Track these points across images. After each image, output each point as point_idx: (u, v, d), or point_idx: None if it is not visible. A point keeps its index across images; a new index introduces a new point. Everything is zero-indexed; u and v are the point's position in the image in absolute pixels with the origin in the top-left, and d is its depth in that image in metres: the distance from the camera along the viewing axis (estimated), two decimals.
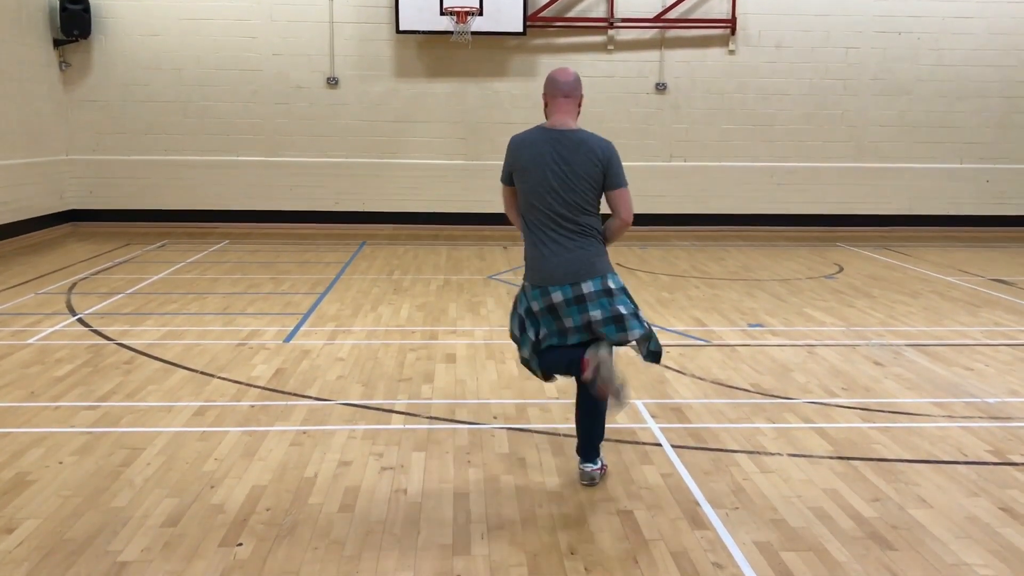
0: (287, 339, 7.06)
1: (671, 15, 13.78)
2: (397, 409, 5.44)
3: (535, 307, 4.19)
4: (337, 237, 12.97)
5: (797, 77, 14.09)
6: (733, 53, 14.01)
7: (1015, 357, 6.77)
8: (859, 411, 5.49)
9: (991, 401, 5.69)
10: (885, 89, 14.20)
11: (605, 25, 13.79)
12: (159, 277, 9.65)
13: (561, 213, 4.12)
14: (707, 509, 4.08)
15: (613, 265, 4.27)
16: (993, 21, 14.10)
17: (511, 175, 4.27)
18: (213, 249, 11.67)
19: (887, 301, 8.79)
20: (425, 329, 7.47)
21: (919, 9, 14.02)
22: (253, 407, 5.44)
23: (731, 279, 9.98)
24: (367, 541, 3.75)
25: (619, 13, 13.76)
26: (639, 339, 4.21)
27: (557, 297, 4.12)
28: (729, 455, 4.74)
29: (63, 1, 13.05)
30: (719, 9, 13.88)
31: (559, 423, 5.15)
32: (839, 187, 14.34)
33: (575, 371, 4.11)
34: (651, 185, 13.58)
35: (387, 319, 7.82)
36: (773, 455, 4.74)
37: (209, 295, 8.77)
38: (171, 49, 13.60)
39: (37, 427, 5.04)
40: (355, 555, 3.63)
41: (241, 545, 3.70)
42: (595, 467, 4.34)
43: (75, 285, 9.13)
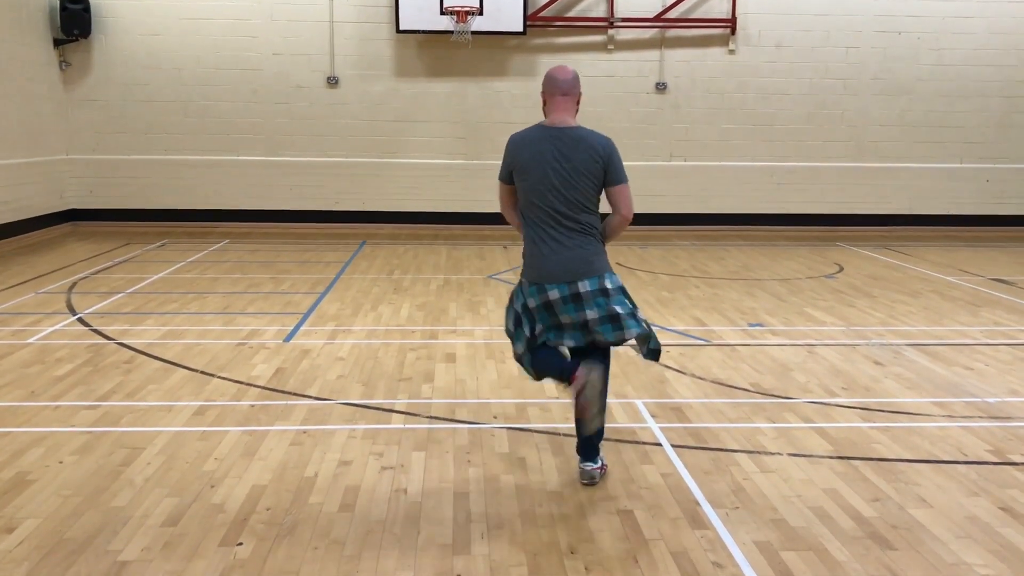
0: (287, 339, 7.06)
1: (671, 15, 13.78)
2: (397, 409, 5.44)
3: (531, 303, 4.20)
4: (337, 237, 12.97)
5: (797, 77, 14.09)
6: (733, 53, 14.01)
7: (1015, 357, 6.77)
8: (859, 411, 5.49)
9: (991, 401, 5.69)
10: (885, 89, 14.20)
11: (605, 25, 13.79)
12: (159, 276, 9.65)
13: (561, 211, 4.12)
14: (707, 509, 4.08)
15: (612, 265, 4.27)
16: (993, 21, 14.10)
17: (511, 174, 4.26)
18: (213, 249, 11.67)
19: (887, 301, 8.79)
20: (425, 329, 7.47)
21: (919, 9, 14.01)
22: (253, 407, 5.44)
23: (731, 279, 9.98)
24: (367, 541, 3.75)
25: (619, 13, 13.76)
26: (638, 338, 4.22)
27: (554, 295, 4.12)
28: (729, 455, 4.74)
29: (63, 1, 13.05)
30: (719, 9, 13.87)
31: (559, 423, 5.15)
32: (839, 187, 14.34)
33: (566, 379, 4.11)
34: (651, 185, 13.58)
35: (387, 319, 7.82)
36: (773, 455, 4.74)
37: (209, 295, 8.77)
38: (171, 49, 13.61)
39: (37, 427, 5.05)
40: (355, 555, 3.63)
41: (241, 545, 3.70)
42: (595, 466, 4.34)
43: (75, 284, 9.13)
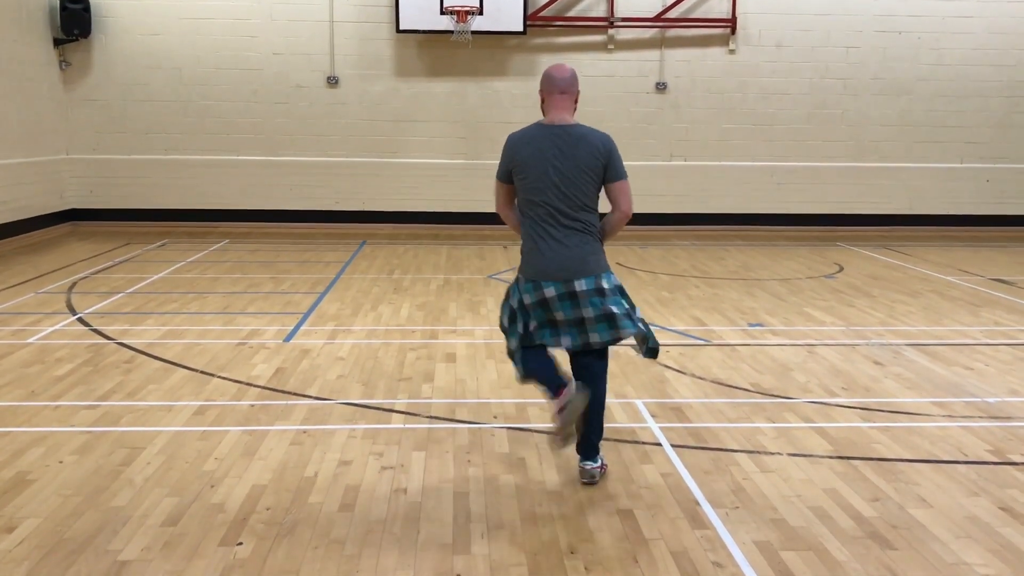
0: (287, 338, 7.06)
1: (671, 14, 13.78)
2: (397, 408, 5.44)
3: (527, 300, 4.21)
4: (337, 236, 12.97)
5: (797, 77, 14.09)
6: (733, 52, 14.01)
7: (1015, 357, 6.77)
8: (859, 411, 5.49)
9: (991, 401, 5.69)
10: (885, 89, 14.20)
11: (605, 24, 13.79)
12: (159, 276, 9.65)
13: (561, 209, 4.13)
14: (707, 508, 4.08)
15: (610, 264, 4.27)
16: (993, 21, 14.10)
17: (509, 173, 4.26)
18: (213, 248, 11.67)
19: (887, 301, 8.79)
20: (425, 328, 7.47)
21: (919, 9, 14.02)
22: (253, 406, 5.44)
23: (731, 278, 9.98)
24: (367, 540, 3.75)
25: (619, 12, 13.76)
26: (637, 339, 4.22)
27: (549, 292, 4.13)
28: (729, 455, 4.74)
29: (63, 0, 13.05)
30: (719, 8, 13.87)
31: None
32: (839, 187, 14.34)
33: (552, 391, 4.12)
34: (651, 184, 13.58)
35: (387, 318, 7.82)
36: (773, 455, 4.74)
37: (209, 294, 8.77)
38: (171, 48, 13.61)
39: (37, 426, 5.05)
40: (355, 554, 3.63)
41: (241, 544, 3.70)
42: (595, 465, 4.34)
43: (75, 284, 9.13)
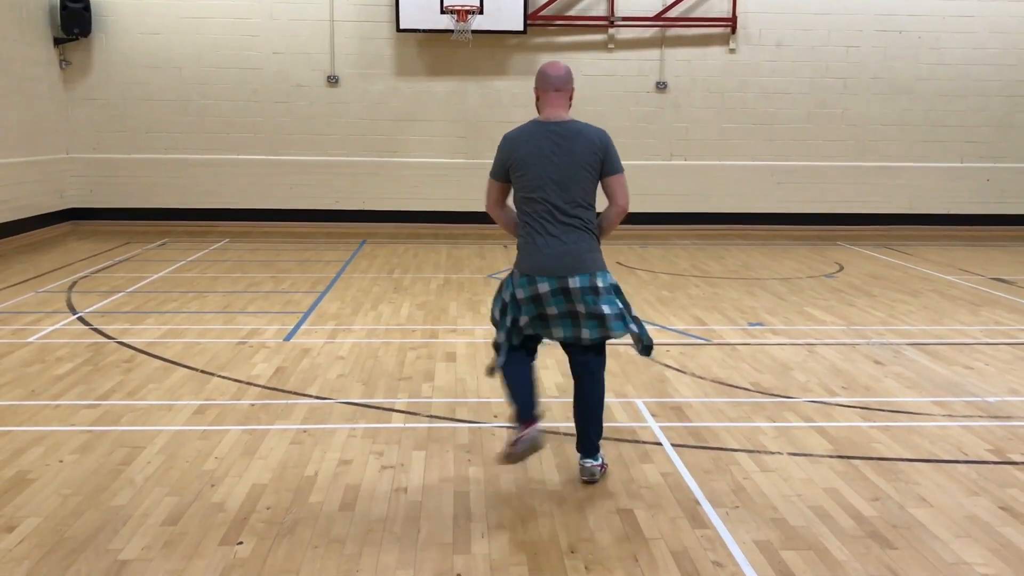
0: (287, 338, 7.06)
1: (671, 13, 13.77)
2: (397, 408, 5.44)
3: (520, 295, 4.22)
4: (337, 236, 12.97)
5: (797, 76, 14.09)
6: (734, 52, 14.01)
7: (1015, 356, 6.77)
8: (859, 410, 5.49)
9: (991, 400, 5.69)
10: (885, 88, 14.20)
11: (605, 24, 13.79)
12: (159, 275, 9.65)
13: (559, 206, 4.14)
14: (707, 508, 4.08)
15: (611, 264, 4.28)
16: (993, 21, 14.10)
17: (506, 171, 4.27)
18: (213, 248, 11.67)
19: (887, 300, 8.79)
20: (425, 328, 7.47)
21: (919, 8, 14.02)
22: (253, 406, 5.44)
23: (731, 278, 9.98)
24: (367, 539, 3.75)
25: (619, 11, 13.76)
26: (633, 339, 4.23)
27: (543, 288, 4.14)
28: (729, 454, 4.74)
29: None
30: (720, 8, 13.87)
31: (559, 422, 5.14)
32: (839, 186, 14.34)
33: (520, 417, 4.12)
34: (651, 184, 13.59)
35: (387, 318, 7.82)
36: (773, 454, 4.74)
37: (209, 294, 8.77)
38: (171, 48, 13.61)
39: (37, 425, 5.05)
40: (355, 553, 3.63)
41: (241, 544, 3.70)
42: (595, 463, 4.34)
43: (75, 283, 9.13)
